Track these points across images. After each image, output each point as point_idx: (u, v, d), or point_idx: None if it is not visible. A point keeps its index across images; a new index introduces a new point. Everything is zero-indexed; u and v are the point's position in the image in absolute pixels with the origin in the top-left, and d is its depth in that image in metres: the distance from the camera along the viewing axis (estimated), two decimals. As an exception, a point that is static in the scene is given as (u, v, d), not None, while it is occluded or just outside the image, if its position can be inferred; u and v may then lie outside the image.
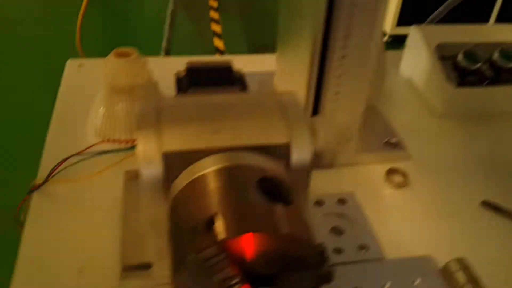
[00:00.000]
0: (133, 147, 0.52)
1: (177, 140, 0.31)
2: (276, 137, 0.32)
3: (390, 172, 0.52)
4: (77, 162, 0.50)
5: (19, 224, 0.47)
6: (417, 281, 0.41)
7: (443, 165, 0.56)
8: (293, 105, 0.33)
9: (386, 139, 0.55)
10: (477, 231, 0.48)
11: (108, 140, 0.52)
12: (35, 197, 0.47)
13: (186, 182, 0.29)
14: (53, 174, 0.49)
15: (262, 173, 0.29)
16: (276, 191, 0.28)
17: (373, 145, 0.55)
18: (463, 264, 0.41)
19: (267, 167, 0.30)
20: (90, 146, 0.51)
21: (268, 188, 0.28)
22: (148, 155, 0.31)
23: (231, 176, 0.29)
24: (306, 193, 0.35)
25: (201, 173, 0.29)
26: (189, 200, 0.28)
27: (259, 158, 0.31)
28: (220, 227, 0.25)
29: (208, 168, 0.29)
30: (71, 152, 0.50)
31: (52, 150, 0.53)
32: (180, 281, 0.26)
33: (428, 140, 0.59)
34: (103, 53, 0.69)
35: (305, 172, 0.34)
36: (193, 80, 0.37)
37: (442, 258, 0.42)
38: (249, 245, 0.25)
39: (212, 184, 0.28)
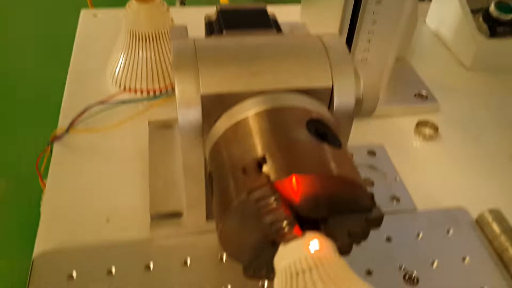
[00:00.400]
0: (155, 97, 0.50)
1: (216, 82, 0.30)
2: (318, 80, 0.31)
3: (420, 124, 0.51)
4: (97, 113, 0.49)
5: (40, 175, 0.46)
6: (451, 232, 0.40)
7: (473, 118, 0.54)
8: (337, 47, 0.32)
9: (416, 91, 0.54)
10: (508, 184, 0.47)
11: (129, 90, 0.50)
12: (57, 148, 0.46)
13: (229, 124, 0.28)
14: (74, 124, 0.48)
15: (308, 114, 0.28)
16: (324, 133, 0.27)
17: (402, 97, 0.53)
18: (497, 216, 0.41)
19: (313, 109, 0.29)
20: (112, 96, 0.49)
21: (316, 130, 0.27)
22: (187, 98, 0.29)
23: (278, 118, 0.28)
24: (346, 142, 0.34)
25: (245, 115, 0.28)
26: (234, 143, 0.27)
27: (304, 100, 0.29)
28: (271, 168, 0.24)
29: (252, 110, 0.28)
30: (90, 102, 0.49)
31: (71, 101, 0.51)
32: (227, 224, 0.25)
33: (458, 93, 0.58)
34: (112, 6, 0.66)
35: (347, 119, 0.32)
36: (226, 23, 0.35)
37: (473, 210, 0.42)
38: (299, 186, 0.24)
39: (258, 126, 0.27)
